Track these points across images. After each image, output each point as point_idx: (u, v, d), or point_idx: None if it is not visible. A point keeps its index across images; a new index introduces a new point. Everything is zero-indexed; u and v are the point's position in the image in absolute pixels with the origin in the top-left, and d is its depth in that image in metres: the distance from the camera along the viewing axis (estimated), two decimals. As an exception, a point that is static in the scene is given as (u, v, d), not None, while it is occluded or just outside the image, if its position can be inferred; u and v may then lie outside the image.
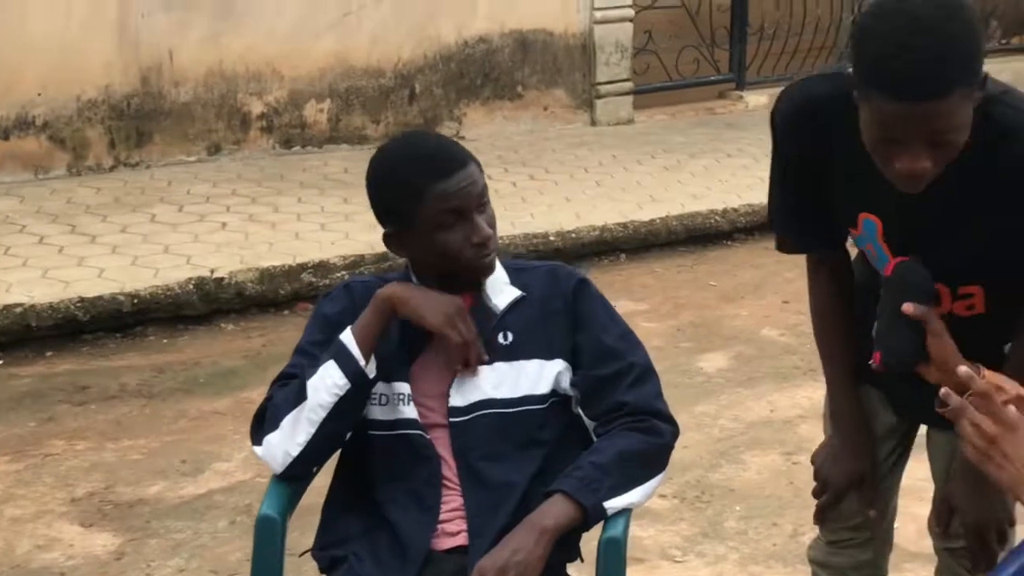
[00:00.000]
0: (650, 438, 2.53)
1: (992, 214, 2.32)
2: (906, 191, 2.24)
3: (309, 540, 2.63)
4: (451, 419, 2.53)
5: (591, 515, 2.43)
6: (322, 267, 6.31)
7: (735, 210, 7.22)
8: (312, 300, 6.26)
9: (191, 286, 6.02)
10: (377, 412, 2.57)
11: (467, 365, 2.52)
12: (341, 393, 2.48)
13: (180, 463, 4.65)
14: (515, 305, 2.60)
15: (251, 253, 6.39)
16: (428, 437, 2.54)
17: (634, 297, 6.31)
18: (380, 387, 2.55)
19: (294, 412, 2.51)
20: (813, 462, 2.73)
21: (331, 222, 6.92)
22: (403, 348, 2.57)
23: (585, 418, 2.59)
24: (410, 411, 2.54)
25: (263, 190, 7.49)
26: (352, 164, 8.00)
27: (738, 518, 4.23)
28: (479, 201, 2.50)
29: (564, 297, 2.61)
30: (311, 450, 2.52)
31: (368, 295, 2.56)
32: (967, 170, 2.25)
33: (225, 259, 6.28)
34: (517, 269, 2.66)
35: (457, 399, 2.54)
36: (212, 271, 6.13)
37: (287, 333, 5.93)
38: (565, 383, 2.57)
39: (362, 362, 2.47)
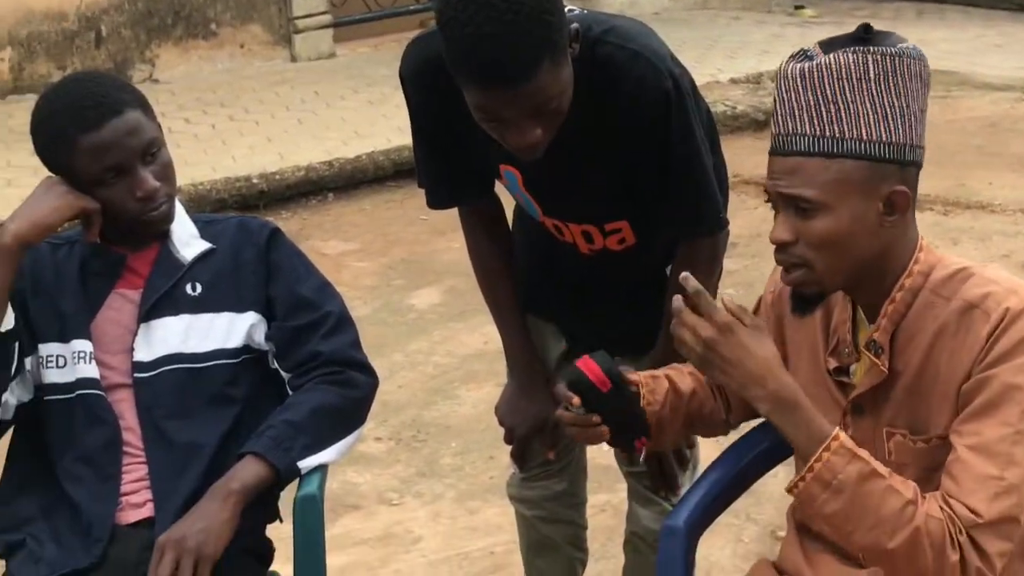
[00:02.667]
0: (347, 391, 2.44)
1: (618, 152, 2.33)
2: (527, 159, 2.23)
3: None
4: (136, 374, 2.39)
5: (284, 475, 2.33)
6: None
7: (441, 141, 7.14)
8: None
9: None
10: (54, 375, 2.41)
11: None
12: None
13: None
14: (204, 257, 2.47)
15: (-70, 215, 5.98)
16: (107, 399, 2.39)
17: (345, 237, 6.19)
18: (55, 348, 2.41)
19: None
20: (496, 412, 2.71)
21: (19, 177, 6.53)
22: (82, 304, 2.42)
23: (281, 371, 2.48)
24: (91, 370, 2.40)
25: (-57, 146, 7.03)
26: (39, 115, 7.62)
27: (454, 454, 4.19)
28: (143, 151, 2.34)
29: (256, 248, 2.50)
30: None
31: (32, 256, 2.40)
32: (586, 114, 2.24)
33: (-99, 223, 5.86)
34: (207, 222, 2.55)
35: (142, 353, 2.40)
36: None
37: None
38: (259, 337, 2.46)
39: None
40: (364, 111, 7.75)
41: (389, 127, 7.37)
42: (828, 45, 1.93)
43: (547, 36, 2.08)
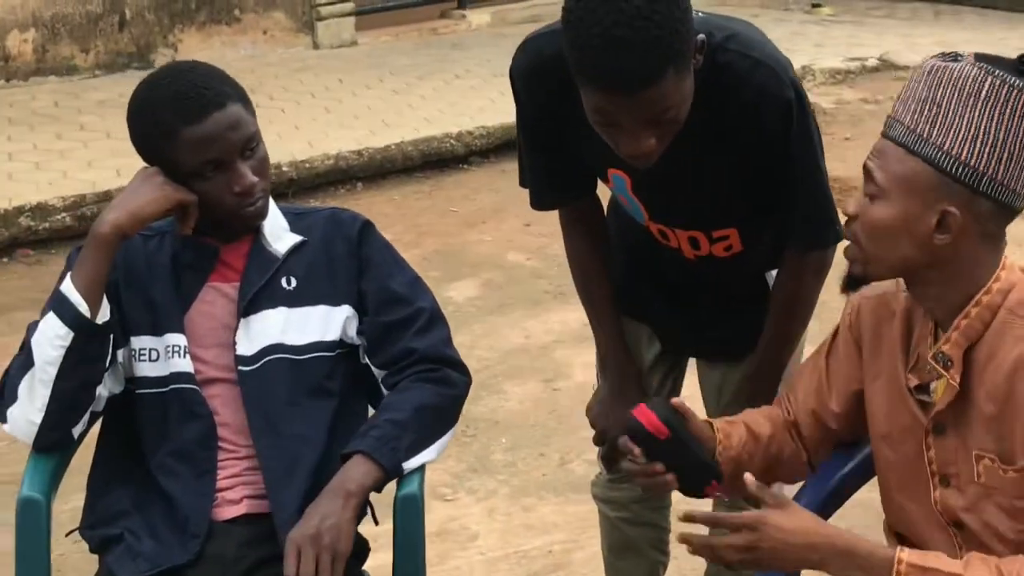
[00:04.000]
0: (444, 390, 2.42)
1: (734, 160, 2.31)
2: (638, 167, 2.20)
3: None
4: (240, 368, 2.36)
5: (390, 475, 2.31)
6: (41, 209, 5.92)
7: (470, 133, 7.09)
8: (32, 246, 5.89)
9: (-103, 236, 5.56)
10: (147, 369, 2.38)
11: None
12: (66, 344, 2.27)
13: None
14: (296, 250, 2.44)
15: (-39, 197, 5.95)
16: (202, 393, 2.36)
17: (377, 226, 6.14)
18: (148, 341, 2.38)
19: (27, 377, 2.31)
20: (588, 413, 2.69)
21: (46, 160, 6.50)
22: (175, 297, 2.39)
23: (373, 367, 2.45)
24: (185, 364, 2.37)
25: (-33, 128, 6.98)
26: (62, 97, 7.55)
27: (504, 450, 4.17)
28: (243, 146, 2.32)
29: (348, 241, 2.47)
30: (55, 414, 2.31)
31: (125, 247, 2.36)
32: (703, 121, 2.21)
33: (-68, 205, 5.83)
34: (297, 214, 2.52)
35: (244, 347, 2.37)
36: (-82, 218, 5.67)
37: (9, 282, 5.57)
38: (352, 331, 2.44)
39: (82, 307, 2.26)
40: (390, 100, 7.71)
41: (416, 117, 7.34)
42: (982, 58, 1.91)
43: (674, 46, 2.05)
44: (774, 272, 2.50)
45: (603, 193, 2.58)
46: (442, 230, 6.13)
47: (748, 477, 2.02)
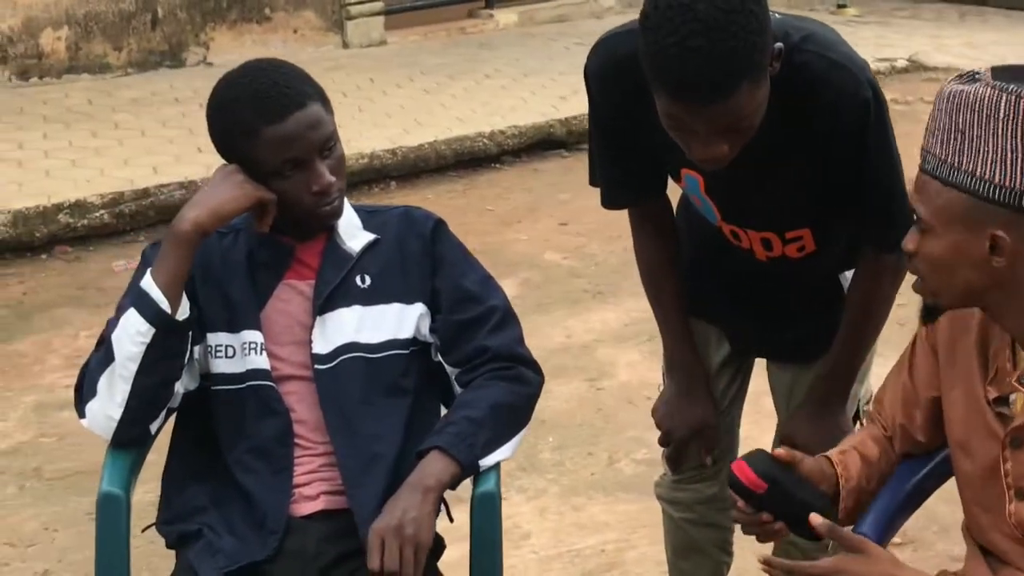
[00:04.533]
0: (519, 388, 2.43)
1: (808, 163, 2.30)
2: (709, 170, 2.19)
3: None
4: (316, 366, 2.36)
5: (467, 471, 2.32)
6: (80, 207, 5.94)
7: (502, 132, 7.12)
8: (71, 242, 5.91)
9: (-62, 232, 5.59)
10: (223, 365, 2.39)
11: None
12: (147, 340, 2.28)
13: (-52, 426, 4.30)
14: (370, 248, 2.45)
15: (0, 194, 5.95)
16: (278, 390, 2.37)
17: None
18: (224, 337, 2.39)
19: (106, 373, 2.32)
20: (653, 414, 2.69)
21: (82, 158, 6.53)
22: (251, 294, 2.40)
23: (446, 365, 2.46)
24: (262, 361, 2.37)
25: (3, 125, 6.99)
26: (96, 95, 7.58)
27: (552, 449, 4.17)
28: (322, 146, 2.33)
29: (421, 239, 2.48)
30: (134, 410, 2.32)
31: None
32: (779, 122, 2.20)
33: (-29, 201, 5.85)
34: (370, 212, 2.53)
35: (319, 345, 2.37)
36: (-41, 215, 5.70)
37: (48, 279, 5.58)
38: (425, 329, 2.45)
39: (163, 303, 2.27)
40: (421, 99, 7.72)
41: (448, 116, 7.35)
42: (998, 74, 1.88)
43: (751, 57, 2.03)
44: (848, 273, 2.50)
45: (672, 192, 2.59)
46: (479, 229, 6.14)
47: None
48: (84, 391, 2.36)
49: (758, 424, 3.16)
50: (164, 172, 6.29)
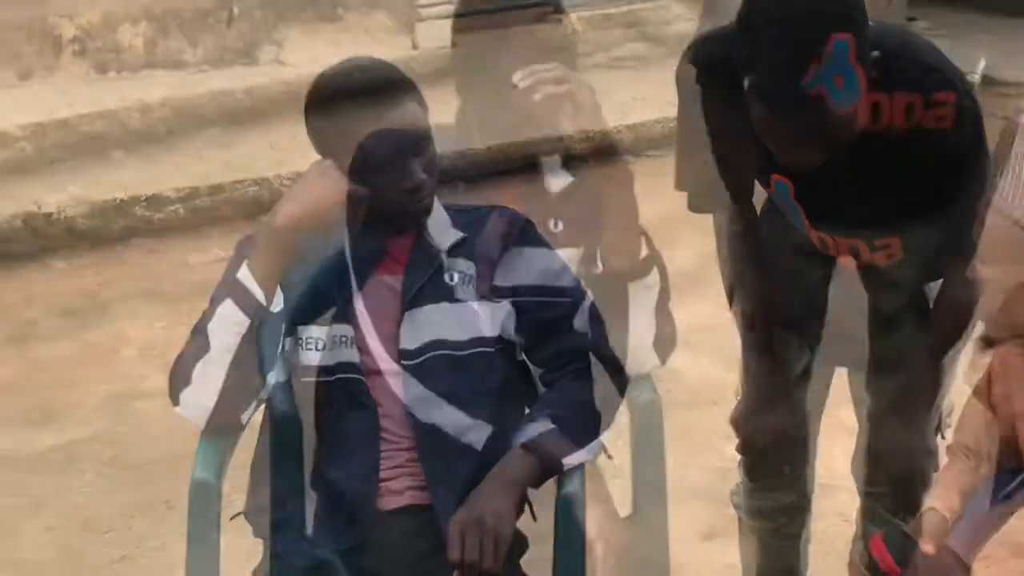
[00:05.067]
0: (604, 389, 2.45)
1: (901, 168, 2.31)
2: (799, 174, 2.19)
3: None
4: (403, 361, 2.40)
5: (549, 471, 2.34)
6: (156, 200, 6.02)
7: (571, 137, 7.12)
8: (146, 235, 5.98)
9: (18, 222, 5.66)
10: (313, 358, 2.43)
11: None
12: (242, 331, 2.33)
13: (29, 413, 4.37)
14: (458, 246, 2.49)
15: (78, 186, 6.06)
16: (366, 383, 2.40)
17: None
18: (315, 330, 2.42)
19: (202, 362, 2.36)
20: (732, 422, 2.71)
21: (157, 152, 6.60)
22: (342, 288, 2.44)
23: (531, 364, 2.49)
24: (352, 354, 2.41)
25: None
26: (171, 92, 7.64)
27: (620, 454, 4.17)
28: (415, 144, 2.36)
29: (509, 239, 2.50)
30: (227, 399, 2.37)
31: None
32: (872, 128, 2.22)
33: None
34: (459, 210, 2.56)
35: (407, 341, 2.40)
36: (39, 205, 5.77)
37: (123, 270, 5.66)
38: (511, 328, 2.47)
39: (259, 295, 2.33)
40: (488, 101, 7.73)
41: (515, 120, 7.35)
42: None
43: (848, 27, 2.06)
44: (933, 284, 2.50)
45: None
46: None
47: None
48: (178, 380, 2.40)
49: (828, 436, 3.16)
50: (239, 168, 6.36)
